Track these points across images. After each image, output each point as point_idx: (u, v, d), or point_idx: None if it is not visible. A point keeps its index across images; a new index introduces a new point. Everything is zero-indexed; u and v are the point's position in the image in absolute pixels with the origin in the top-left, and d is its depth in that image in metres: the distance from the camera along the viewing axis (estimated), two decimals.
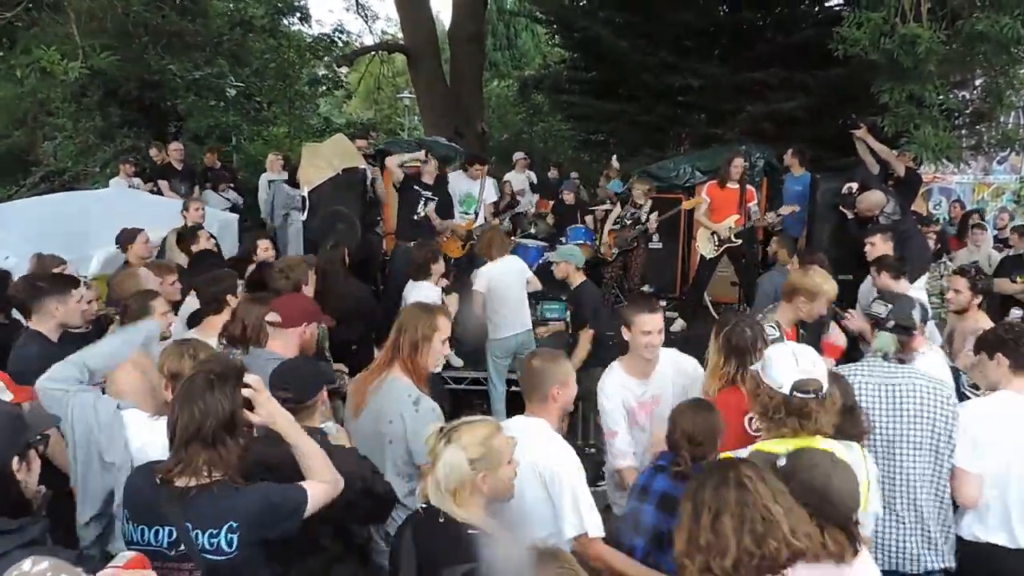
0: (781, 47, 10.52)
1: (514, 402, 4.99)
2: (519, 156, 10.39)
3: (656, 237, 7.84)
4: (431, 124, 12.85)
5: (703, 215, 6.99)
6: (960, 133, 7.96)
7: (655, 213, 7.04)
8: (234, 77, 13.14)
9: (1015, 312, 5.26)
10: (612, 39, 10.84)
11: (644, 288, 7.78)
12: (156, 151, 9.49)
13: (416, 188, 6.75)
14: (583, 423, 5.33)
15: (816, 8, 11.40)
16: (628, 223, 7.10)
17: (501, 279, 5.37)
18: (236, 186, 9.53)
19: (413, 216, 6.70)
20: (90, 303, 3.73)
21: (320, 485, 2.04)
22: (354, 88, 18.26)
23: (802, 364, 2.30)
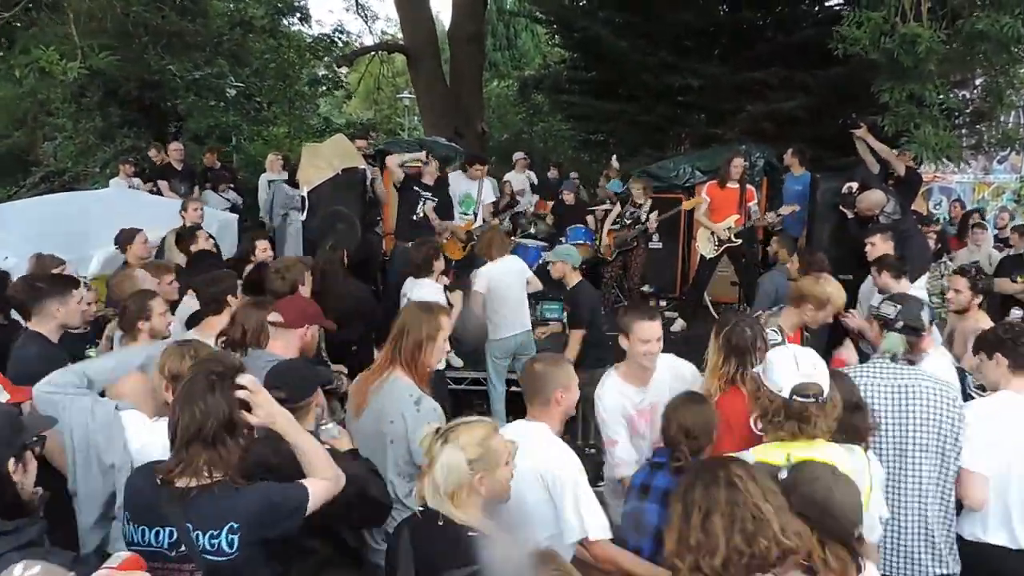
0: (781, 47, 10.51)
1: (514, 402, 4.98)
2: (519, 156, 10.37)
3: (656, 237, 7.83)
4: (431, 124, 12.84)
5: (703, 215, 6.97)
6: (960, 132, 7.95)
7: (655, 213, 7.03)
8: (234, 77, 13.14)
9: (1015, 312, 5.25)
10: (612, 39, 10.83)
11: (644, 288, 7.78)
12: (155, 152, 9.49)
13: (416, 189, 6.74)
14: (583, 424, 5.31)
15: (816, 8, 11.40)
16: (628, 223, 7.09)
17: (501, 279, 5.36)
18: (236, 186, 9.52)
19: (412, 216, 6.68)
20: (89, 304, 3.74)
21: (322, 482, 2.03)
22: (354, 88, 18.27)
23: (803, 368, 2.28)
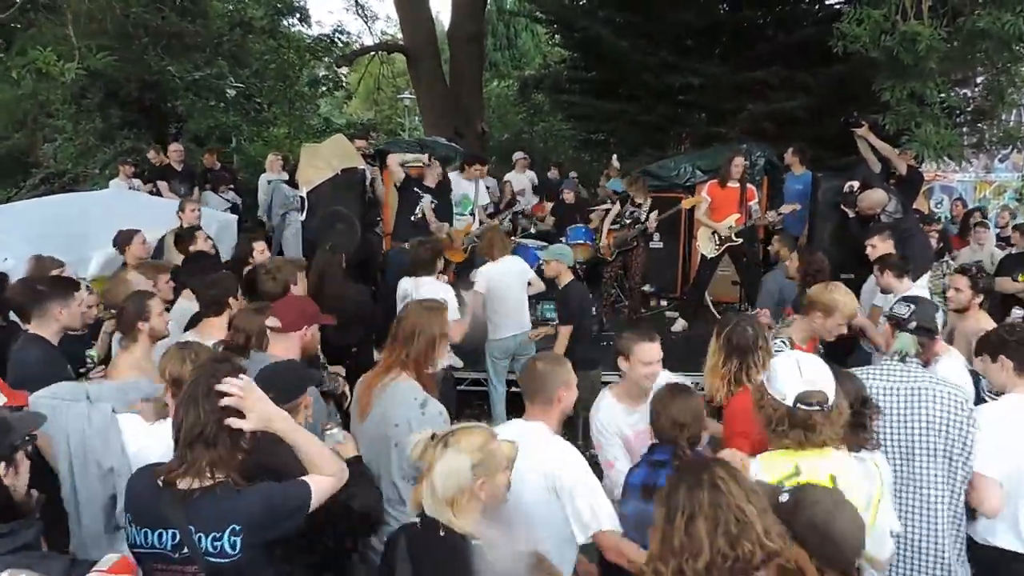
0: (782, 46, 10.49)
1: (514, 403, 4.97)
2: (519, 156, 10.36)
3: (657, 236, 7.80)
4: (431, 124, 12.84)
5: (704, 214, 6.96)
6: (962, 131, 7.93)
7: (655, 212, 7.01)
8: (234, 78, 13.15)
9: (1016, 311, 5.19)
10: (612, 39, 10.81)
11: (645, 288, 7.77)
12: (154, 153, 9.50)
13: (416, 190, 6.72)
14: (584, 425, 5.30)
15: (817, 6, 11.37)
16: (627, 222, 7.07)
17: (501, 279, 5.35)
18: (236, 187, 9.52)
19: (411, 217, 6.65)
20: (89, 307, 3.72)
21: (325, 479, 2.02)
22: (354, 89, 18.27)
23: (806, 375, 2.22)
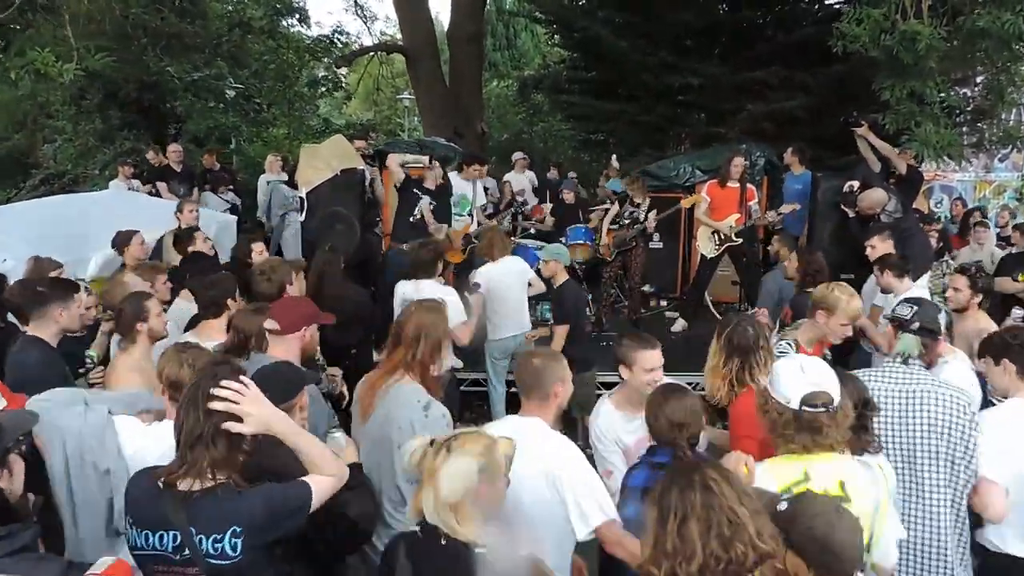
0: (781, 46, 10.49)
1: (514, 403, 4.95)
2: (518, 156, 10.35)
3: (656, 236, 7.79)
4: (431, 125, 12.82)
5: (704, 214, 6.96)
6: (961, 130, 7.93)
7: (653, 212, 7.01)
8: (233, 79, 13.13)
9: (1016, 312, 5.16)
10: (612, 39, 10.81)
11: (645, 288, 7.76)
12: (153, 154, 9.47)
13: (415, 191, 6.71)
14: (584, 430, 5.30)
15: (816, 6, 11.37)
16: (626, 222, 7.06)
17: (501, 280, 5.34)
18: (235, 188, 9.51)
19: (410, 218, 6.64)
20: (88, 308, 3.72)
21: (324, 479, 2.01)
22: (353, 89, 18.25)
23: (810, 376, 2.18)
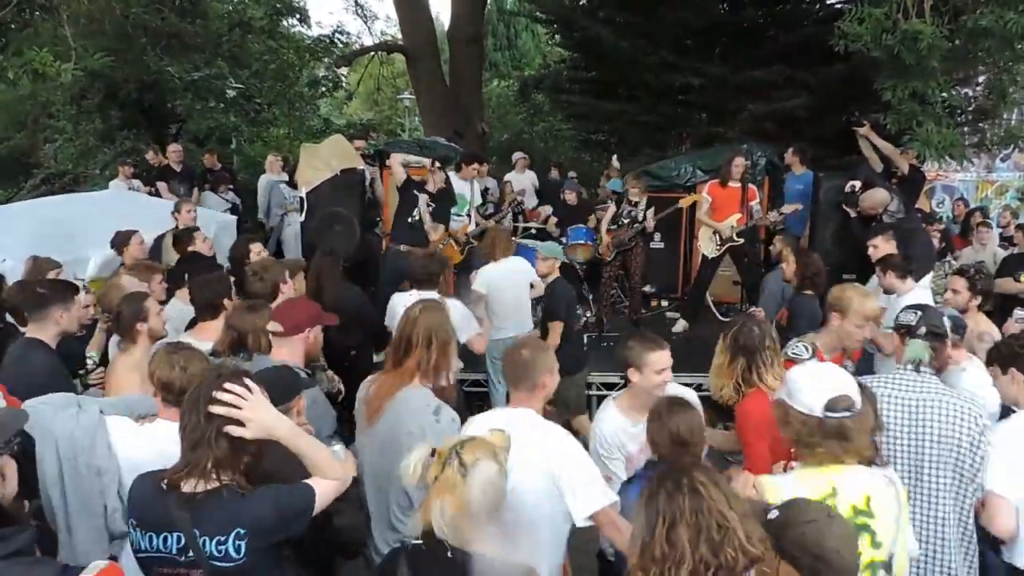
0: (782, 45, 10.47)
1: None
2: (519, 156, 10.32)
3: (657, 237, 7.77)
4: (431, 124, 12.82)
5: (705, 214, 6.94)
6: (963, 130, 7.92)
7: (651, 211, 6.99)
8: (233, 78, 13.11)
9: (1018, 312, 5.13)
10: (612, 39, 10.80)
11: (646, 288, 7.74)
12: (153, 154, 9.46)
13: (415, 192, 6.70)
14: (569, 427, 5.33)
15: (817, 6, 11.35)
16: (626, 222, 7.04)
17: (501, 279, 5.33)
18: (235, 188, 9.51)
19: (408, 219, 6.61)
20: (87, 308, 3.71)
21: (327, 482, 2.01)
22: (354, 89, 18.25)
23: (828, 381, 2.15)
